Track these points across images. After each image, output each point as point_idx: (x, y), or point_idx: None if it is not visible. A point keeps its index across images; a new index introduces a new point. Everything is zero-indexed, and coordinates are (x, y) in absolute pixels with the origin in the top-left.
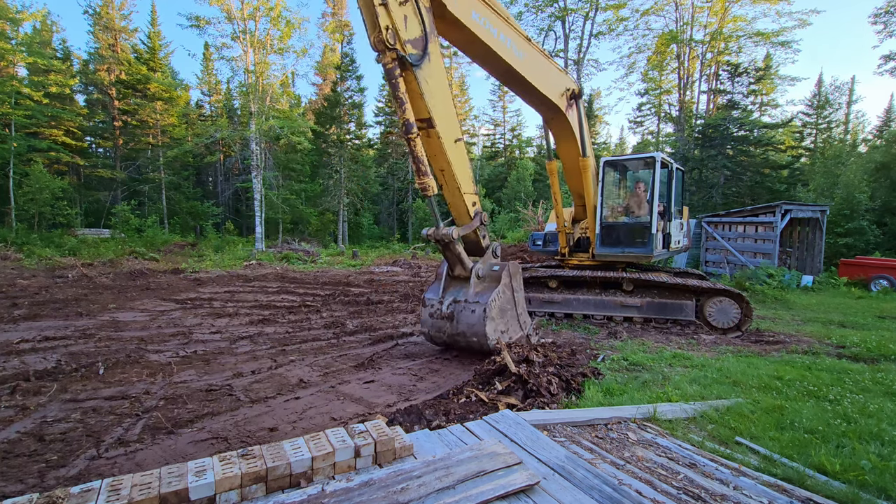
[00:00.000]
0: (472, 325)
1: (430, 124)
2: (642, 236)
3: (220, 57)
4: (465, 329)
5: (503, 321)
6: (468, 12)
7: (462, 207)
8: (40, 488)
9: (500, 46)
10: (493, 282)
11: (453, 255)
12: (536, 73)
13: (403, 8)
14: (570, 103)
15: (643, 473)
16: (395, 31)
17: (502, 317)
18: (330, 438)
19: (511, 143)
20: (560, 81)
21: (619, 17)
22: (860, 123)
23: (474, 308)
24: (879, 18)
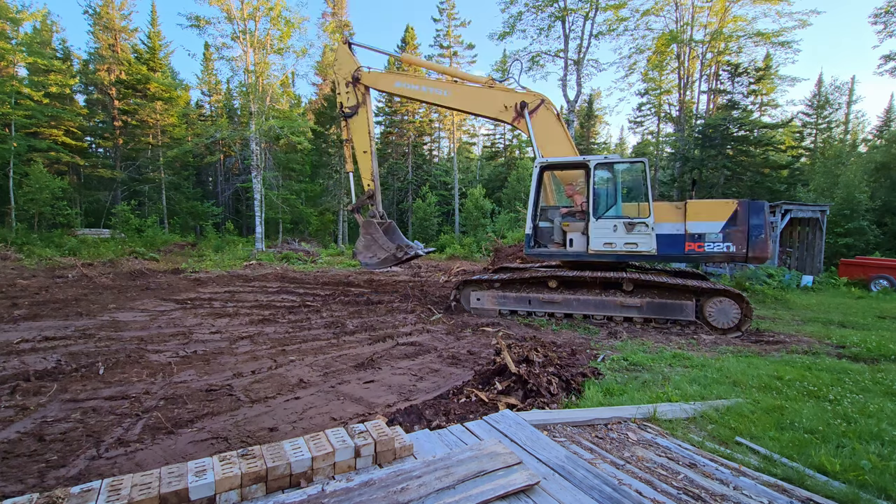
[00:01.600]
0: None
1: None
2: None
3: (220, 57)
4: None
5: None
6: (391, 84)
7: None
8: (40, 488)
9: (424, 95)
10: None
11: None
12: (466, 102)
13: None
14: (520, 114)
15: (643, 473)
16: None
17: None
18: (330, 438)
19: (511, 143)
20: (498, 100)
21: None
22: (860, 123)
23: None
24: (879, 18)
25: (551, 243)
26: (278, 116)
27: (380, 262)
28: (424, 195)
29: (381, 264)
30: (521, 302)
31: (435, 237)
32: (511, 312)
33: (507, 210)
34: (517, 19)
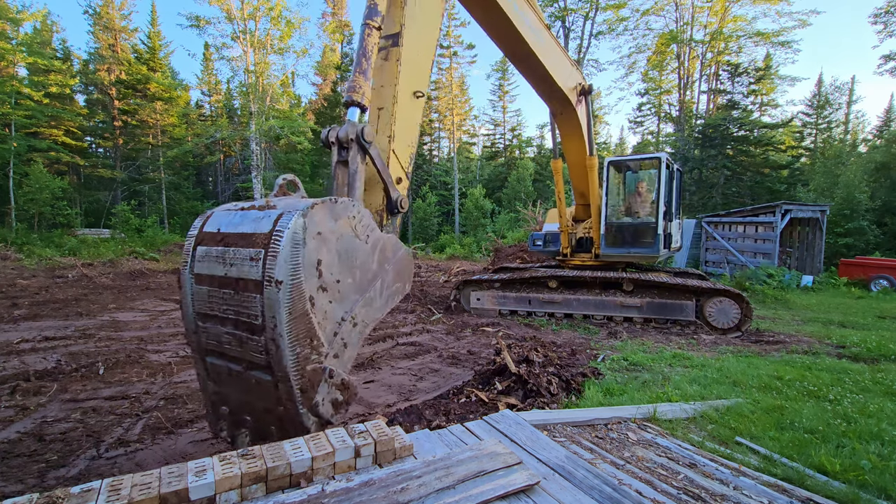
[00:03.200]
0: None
1: (395, 42)
2: (649, 236)
3: (220, 57)
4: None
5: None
6: None
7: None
8: (40, 488)
9: (520, 22)
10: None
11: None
12: (552, 61)
13: None
14: (580, 99)
15: (643, 473)
16: None
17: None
18: (330, 438)
19: (511, 143)
20: (572, 75)
21: (619, 17)
22: (860, 123)
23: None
24: (879, 18)
25: (634, 243)
26: (278, 116)
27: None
28: (424, 195)
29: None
30: (521, 302)
31: (435, 237)
32: (511, 312)
33: (507, 210)
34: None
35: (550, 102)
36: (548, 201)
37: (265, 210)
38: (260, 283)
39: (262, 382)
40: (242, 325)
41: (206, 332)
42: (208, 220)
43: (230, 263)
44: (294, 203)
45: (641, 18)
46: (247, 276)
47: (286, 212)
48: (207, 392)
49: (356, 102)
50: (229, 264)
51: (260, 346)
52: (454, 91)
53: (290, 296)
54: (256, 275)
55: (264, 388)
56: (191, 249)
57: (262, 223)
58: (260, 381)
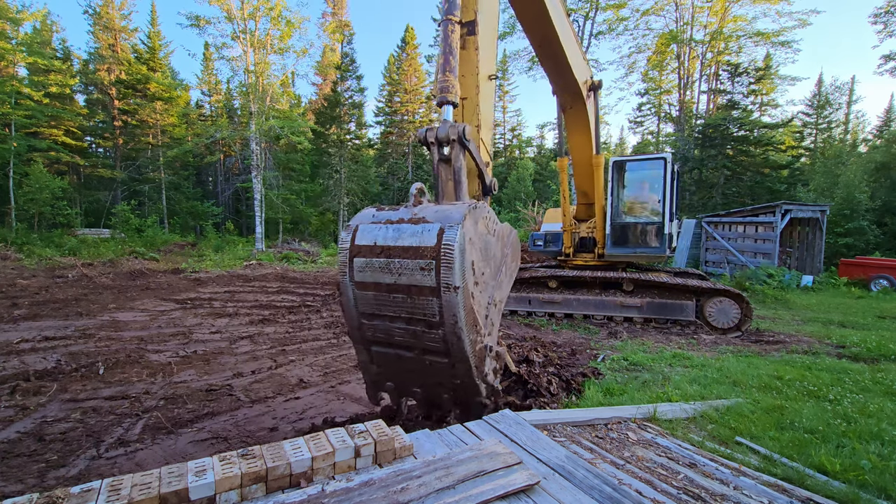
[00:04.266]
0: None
1: (471, 30)
2: (655, 236)
3: (220, 57)
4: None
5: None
6: None
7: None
8: (40, 488)
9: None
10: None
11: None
12: (571, 50)
13: None
14: (589, 94)
15: (643, 473)
16: None
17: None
18: (330, 438)
19: (511, 143)
20: (585, 68)
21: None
22: (860, 123)
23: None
24: (879, 18)
25: (640, 243)
26: (278, 116)
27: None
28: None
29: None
30: (521, 302)
31: None
32: (511, 312)
33: (508, 210)
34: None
35: (563, 95)
36: (547, 201)
37: (420, 224)
38: (436, 289)
39: (437, 363)
40: (418, 321)
41: (372, 328)
42: (356, 233)
43: (398, 273)
44: (444, 215)
45: (641, 18)
46: (420, 283)
47: (446, 226)
48: (370, 373)
49: (450, 101)
50: (398, 273)
51: (438, 337)
52: None
53: (463, 297)
54: (431, 282)
55: (439, 367)
56: (347, 261)
57: (425, 237)
58: (434, 363)
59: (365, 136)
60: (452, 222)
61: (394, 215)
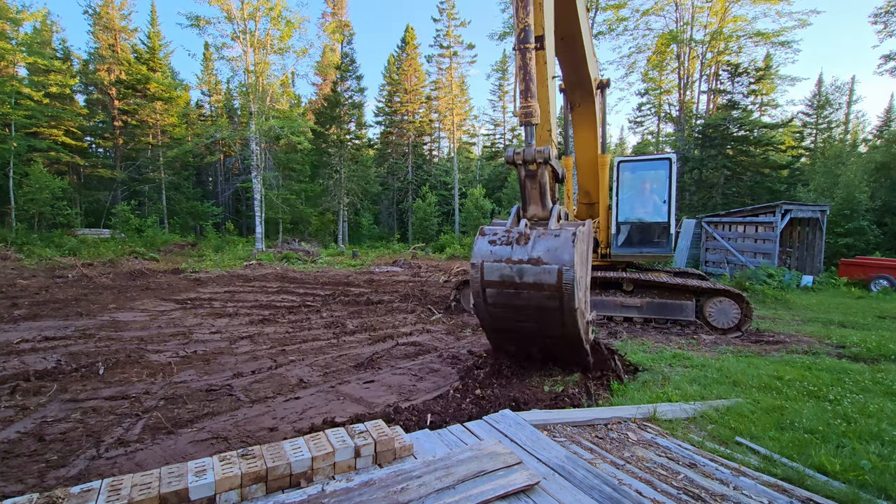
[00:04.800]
0: (555, 248)
1: (540, 45)
2: (662, 236)
3: (220, 57)
4: (543, 254)
5: (584, 280)
6: None
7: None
8: (40, 488)
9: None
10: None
11: (536, 188)
12: (589, 46)
13: None
14: (598, 92)
15: (643, 473)
16: None
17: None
18: (330, 438)
19: (511, 143)
20: (595, 66)
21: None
22: (860, 123)
23: (559, 233)
24: (879, 18)
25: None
26: (278, 116)
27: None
28: (424, 195)
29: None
30: None
31: (435, 237)
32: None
33: (507, 210)
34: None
35: (574, 91)
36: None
37: (540, 266)
38: (559, 309)
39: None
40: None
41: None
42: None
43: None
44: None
45: (641, 18)
46: (547, 305)
47: (563, 269)
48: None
49: (534, 123)
50: (526, 300)
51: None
52: (454, 91)
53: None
54: (555, 304)
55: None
56: (480, 290)
57: (546, 277)
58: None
59: (365, 136)
60: (567, 265)
61: (513, 255)
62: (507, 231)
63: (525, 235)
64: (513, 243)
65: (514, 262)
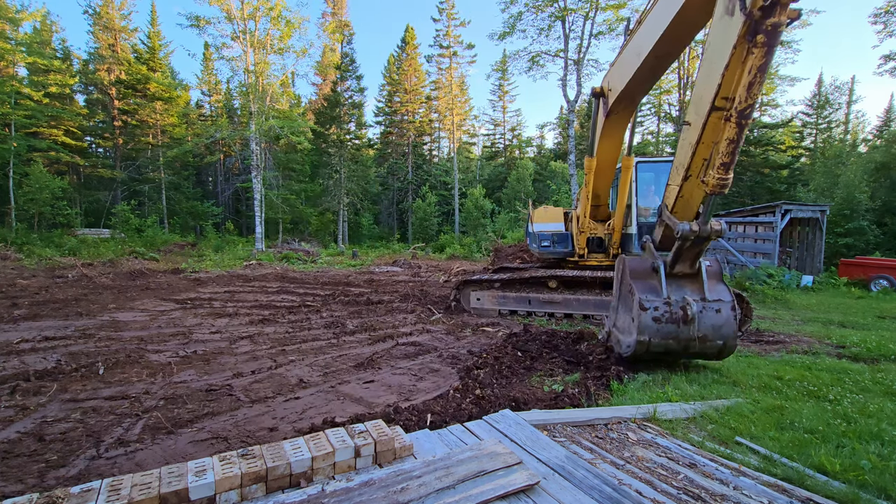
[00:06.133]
0: (719, 326)
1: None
2: None
3: (220, 57)
4: (709, 332)
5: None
6: None
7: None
8: (40, 488)
9: None
10: (718, 279)
11: (693, 252)
12: None
13: None
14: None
15: (643, 473)
16: None
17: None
18: (330, 438)
19: (511, 143)
20: None
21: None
22: (860, 123)
23: (719, 307)
24: (879, 18)
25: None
26: (278, 116)
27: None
28: (424, 195)
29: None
30: (520, 302)
31: (435, 237)
32: (511, 312)
33: (507, 210)
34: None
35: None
36: (547, 201)
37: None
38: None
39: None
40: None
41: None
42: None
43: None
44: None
45: None
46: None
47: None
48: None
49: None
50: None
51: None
52: (454, 91)
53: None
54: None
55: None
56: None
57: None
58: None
59: (365, 136)
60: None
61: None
62: (666, 303)
63: (687, 315)
64: (678, 322)
65: (682, 339)
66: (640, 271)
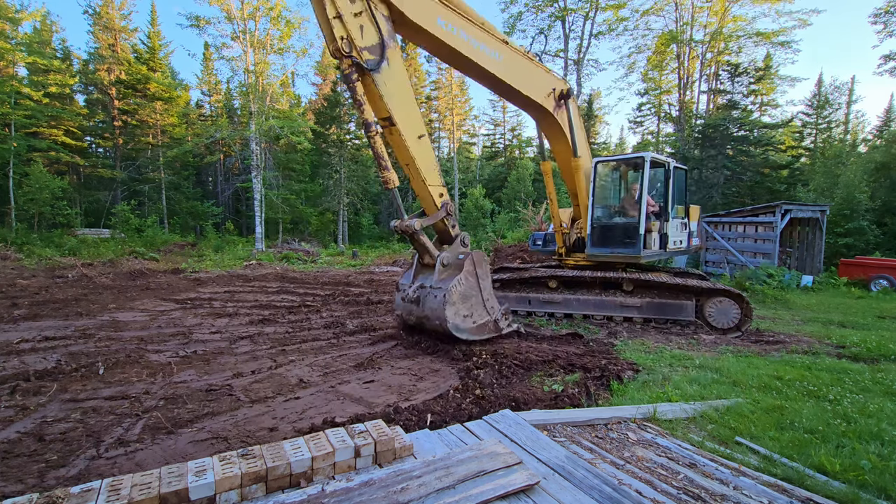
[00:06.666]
0: (434, 308)
1: (391, 122)
2: (631, 236)
3: (220, 57)
4: (429, 313)
5: (465, 306)
6: (432, 19)
7: (429, 199)
8: (40, 488)
9: (473, 51)
10: (457, 269)
11: (420, 245)
12: (517, 76)
13: (359, 18)
14: (560, 103)
15: (643, 473)
16: (351, 40)
17: (465, 302)
18: (330, 438)
19: (511, 143)
20: (544, 82)
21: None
22: (860, 123)
23: (437, 293)
24: (879, 18)
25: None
26: (278, 116)
27: (476, 328)
28: None
29: (476, 332)
30: (520, 302)
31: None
32: (511, 312)
33: (507, 210)
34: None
35: (528, 111)
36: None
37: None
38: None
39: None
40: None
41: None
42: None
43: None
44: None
45: (641, 18)
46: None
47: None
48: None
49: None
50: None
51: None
52: (454, 91)
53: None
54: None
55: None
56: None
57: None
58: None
59: (364, 136)
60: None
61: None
62: (409, 286)
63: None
64: (414, 301)
65: (417, 316)
66: (413, 261)
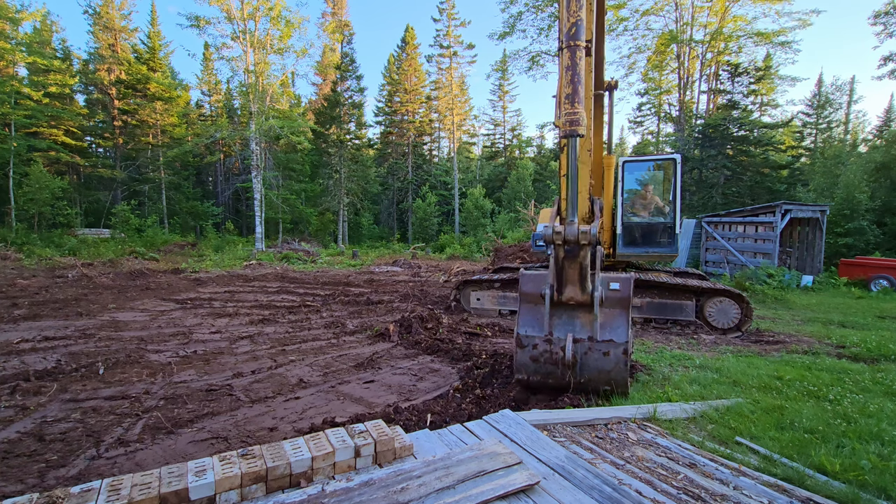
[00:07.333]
0: (608, 371)
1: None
2: (667, 236)
3: (220, 57)
4: (596, 376)
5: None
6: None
7: (586, 193)
8: (40, 488)
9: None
10: (619, 307)
11: (575, 270)
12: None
13: None
14: (606, 93)
15: (643, 473)
16: None
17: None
18: (330, 438)
19: (511, 143)
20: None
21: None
22: (860, 123)
23: (607, 349)
24: (879, 19)
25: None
26: (278, 116)
27: None
28: (424, 195)
29: None
30: None
31: (435, 237)
32: (511, 312)
33: (507, 210)
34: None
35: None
36: (547, 201)
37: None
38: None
39: None
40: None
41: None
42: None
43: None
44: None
45: (641, 19)
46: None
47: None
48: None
49: (580, 134)
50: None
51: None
52: (454, 91)
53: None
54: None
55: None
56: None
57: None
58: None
59: (365, 136)
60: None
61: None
62: (546, 340)
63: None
64: (558, 364)
65: (563, 380)
66: (531, 294)
